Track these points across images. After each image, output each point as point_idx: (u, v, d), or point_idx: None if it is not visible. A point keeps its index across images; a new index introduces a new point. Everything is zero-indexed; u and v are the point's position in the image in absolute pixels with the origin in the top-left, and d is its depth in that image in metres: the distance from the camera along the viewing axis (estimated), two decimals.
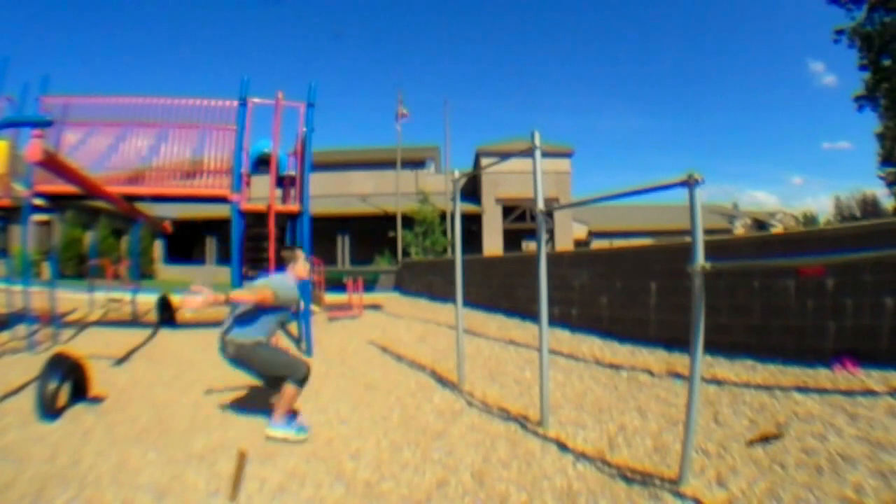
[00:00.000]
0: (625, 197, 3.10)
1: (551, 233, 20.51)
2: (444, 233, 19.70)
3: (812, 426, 2.57)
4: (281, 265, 3.33)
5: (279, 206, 6.19)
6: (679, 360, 4.12)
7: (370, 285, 14.79)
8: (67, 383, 3.35)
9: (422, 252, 19.46)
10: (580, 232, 24.84)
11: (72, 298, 9.05)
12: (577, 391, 3.64)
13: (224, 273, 10.28)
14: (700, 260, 2.03)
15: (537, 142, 3.05)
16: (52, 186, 5.59)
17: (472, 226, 20.34)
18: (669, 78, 69.71)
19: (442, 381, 4.13)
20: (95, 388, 3.63)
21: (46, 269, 11.72)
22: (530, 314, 6.66)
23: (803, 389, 3.15)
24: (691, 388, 2.07)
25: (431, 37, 70.19)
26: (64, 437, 2.87)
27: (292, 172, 7.09)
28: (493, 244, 20.94)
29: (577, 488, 2.16)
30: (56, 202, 6.44)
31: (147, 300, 8.95)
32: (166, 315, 8.18)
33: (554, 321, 5.58)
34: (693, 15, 64.97)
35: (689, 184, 2.03)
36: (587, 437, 2.75)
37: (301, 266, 3.25)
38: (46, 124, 4.27)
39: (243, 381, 4.30)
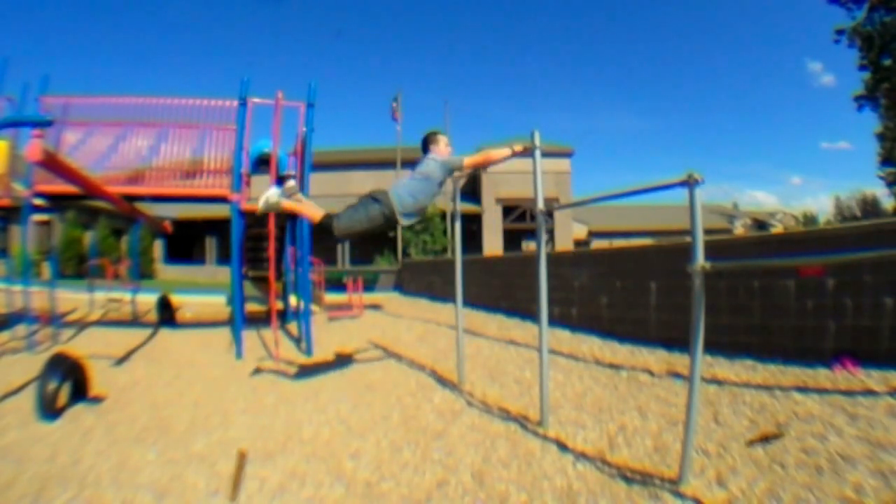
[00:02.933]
0: (625, 197, 3.09)
1: (551, 233, 20.51)
2: (444, 232, 19.70)
3: (812, 426, 2.57)
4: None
5: None
6: (679, 360, 4.12)
7: (370, 285, 14.79)
8: (67, 383, 3.35)
9: (422, 252, 19.46)
10: (580, 232, 24.84)
11: (72, 298, 9.05)
12: (577, 391, 3.64)
13: (224, 273, 10.28)
14: (700, 260, 2.02)
15: (537, 141, 3.05)
16: (52, 186, 5.59)
17: (473, 226, 20.35)
18: (669, 78, 69.68)
19: (442, 381, 4.12)
20: (95, 388, 3.64)
21: (46, 269, 11.73)
22: (530, 314, 6.66)
23: (803, 389, 3.15)
24: (691, 388, 2.07)
25: (431, 37, 70.15)
26: (64, 437, 2.87)
27: (292, 172, 7.08)
28: (493, 244, 20.95)
29: (577, 488, 2.16)
30: (56, 202, 6.44)
31: (147, 300, 8.95)
32: (166, 315, 8.19)
33: (554, 321, 5.58)
34: (692, 15, 64.94)
35: (689, 184, 2.03)
36: (587, 437, 2.75)
37: (443, 146, 3.43)
38: (46, 124, 4.26)
39: (243, 380, 4.31)
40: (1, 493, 2.18)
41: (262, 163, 6.83)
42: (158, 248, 21.89)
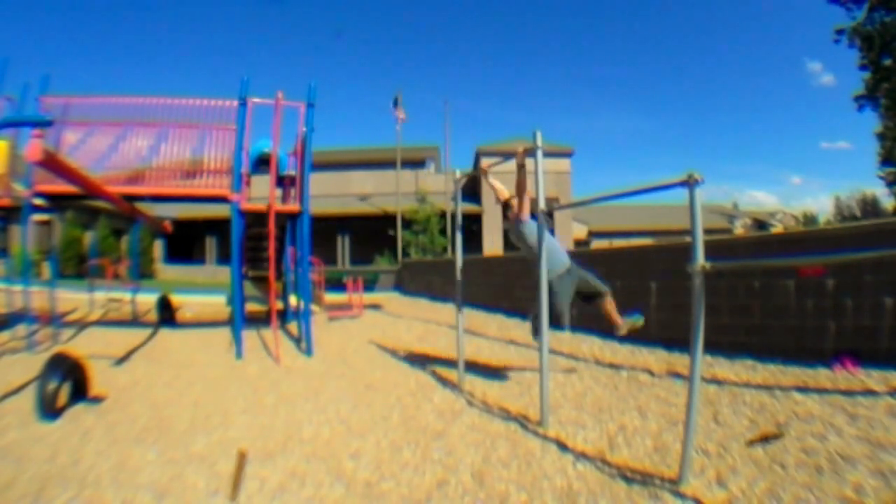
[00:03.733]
0: (625, 197, 3.10)
1: (551, 233, 20.50)
2: (444, 232, 19.70)
3: (812, 426, 2.57)
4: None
5: (279, 206, 6.19)
6: (679, 360, 4.13)
7: (370, 285, 14.79)
8: (67, 383, 3.35)
9: (421, 252, 19.47)
10: (580, 232, 24.87)
11: (72, 298, 9.04)
12: (577, 391, 3.64)
13: (224, 273, 10.28)
14: (700, 260, 2.02)
15: (539, 142, 3.05)
16: (52, 186, 5.59)
17: (473, 226, 20.34)
18: (669, 78, 69.80)
19: (442, 380, 4.12)
20: (95, 388, 3.63)
21: (46, 269, 11.72)
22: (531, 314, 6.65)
23: (803, 389, 3.15)
24: (691, 388, 2.07)
25: (431, 37, 70.37)
26: (64, 437, 2.87)
27: (292, 172, 7.09)
28: (493, 244, 20.93)
29: (577, 488, 2.16)
30: (56, 202, 6.43)
31: (147, 300, 8.95)
32: (166, 315, 8.19)
33: None
34: (692, 15, 64.98)
35: (689, 184, 2.03)
36: (587, 436, 2.75)
37: (519, 207, 3.82)
38: (46, 124, 4.25)
39: (243, 380, 4.31)
40: (1, 493, 2.18)
41: (262, 163, 6.84)
42: (158, 248, 21.90)
